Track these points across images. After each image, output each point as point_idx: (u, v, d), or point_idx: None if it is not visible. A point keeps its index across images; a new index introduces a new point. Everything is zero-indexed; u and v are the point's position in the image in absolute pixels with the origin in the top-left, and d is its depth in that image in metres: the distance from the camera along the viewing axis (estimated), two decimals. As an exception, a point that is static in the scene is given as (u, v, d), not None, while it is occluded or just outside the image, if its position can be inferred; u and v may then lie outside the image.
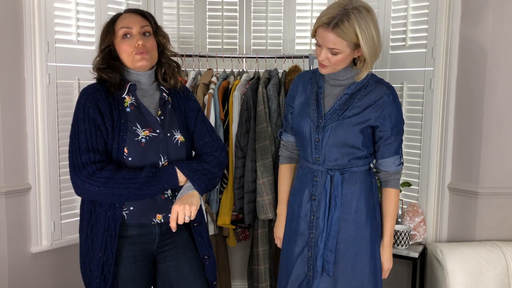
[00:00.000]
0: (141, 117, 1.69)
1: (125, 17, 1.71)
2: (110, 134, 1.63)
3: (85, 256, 1.69)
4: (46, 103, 2.40)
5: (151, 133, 1.68)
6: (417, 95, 2.62)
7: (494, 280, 2.23)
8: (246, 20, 3.06)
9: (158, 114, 1.73)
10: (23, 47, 2.34)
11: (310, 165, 1.85)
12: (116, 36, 1.69)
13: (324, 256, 1.80)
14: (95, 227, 1.66)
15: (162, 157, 1.69)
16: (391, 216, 1.85)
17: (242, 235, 2.83)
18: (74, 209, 2.58)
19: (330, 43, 1.67)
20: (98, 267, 1.64)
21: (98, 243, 1.65)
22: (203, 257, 1.81)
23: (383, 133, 1.78)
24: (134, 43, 1.67)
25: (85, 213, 1.69)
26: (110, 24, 1.72)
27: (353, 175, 1.80)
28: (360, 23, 1.64)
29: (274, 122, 2.61)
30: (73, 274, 2.63)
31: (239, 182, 2.62)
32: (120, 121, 1.65)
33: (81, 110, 1.64)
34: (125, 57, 1.69)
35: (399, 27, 2.70)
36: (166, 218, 1.72)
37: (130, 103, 1.70)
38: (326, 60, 1.71)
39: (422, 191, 2.63)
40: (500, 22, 2.32)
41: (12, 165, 2.34)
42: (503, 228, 2.42)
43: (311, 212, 1.84)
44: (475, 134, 2.41)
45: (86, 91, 1.68)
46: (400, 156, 1.84)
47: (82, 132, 1.61)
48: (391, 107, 1.77)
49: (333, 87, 1.82)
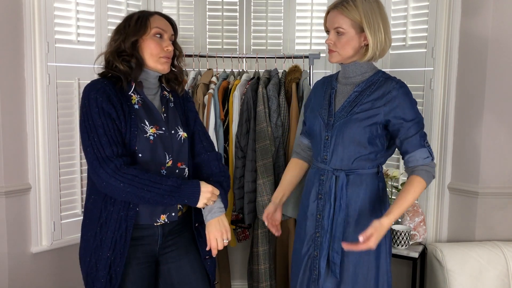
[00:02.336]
0: (148, 114, 1.70)
1: (159, 19, 1.72)
2: (123, 129, 1.63)
3: (91, 255, 1.66)
4: (46, 103, 2.40)
5: (158, 131, 1.69)
6: (417, 95, 2.61)
7: (494, 280, 2.23)
8: (246, 20, 3.06)
9: (162, 111, 1.75)
10: (23, 47, 2.34)
11: (318, 164, 1.86)
12: (148, 33, 1.68)
13: (330, 257, 1.79)
14: (104, 226, 1.64)
15: (167, 155, 1.70)
16: (405, 202, 1.68)
17: (242, 235, 2.83)
18: (74, 209, 2.58)
19: (335, 22, 1.74)
20: (105, 267, 1.63)
21: (107, 243, 1.63)
22: (204, 257, 1.81)
23: (398, 125, 1.72)
24: (165, 46, 1.69)
25: (94, 211, 1.66)
26: (141, 18, 1.70)
27: (359, 177, 1.79)
28: (365, 6, 1.71)
29: (274, 122, 2.61)
30: (73, 274, 2.63)
31: (239, 182, 2.62)
32: (130, 116, 1.64)
33: (94, 105, 1.59)
34: (149, 56, 1.69)
35: (399, 27, 2.70)
36: (170, 218, 1.72)
37: (137, 100, 1.70)
38: (333, 44, 1.76)
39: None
40: (500, 23, 2.32)
41: (12, 165, 2.34)
42: (503, 228, 2.42)
43: (317, 211, 1.84)
44: (475, 134, 2.41)
45: (95, 86, 1.64)
46: (428, 150, 1.73)
47: (99, 126, 1.58)
48: (401, 99, 1.73)
49: (344, 86, 1.84)
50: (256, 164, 2.57)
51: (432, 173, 1.73)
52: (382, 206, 1.81)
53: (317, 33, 3.03)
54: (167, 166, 1.70)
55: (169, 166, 1.70)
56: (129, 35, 1.67)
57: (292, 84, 2.65)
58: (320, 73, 2.87)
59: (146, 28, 1.68)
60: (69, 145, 2.53)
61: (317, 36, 3.03)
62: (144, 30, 1.68)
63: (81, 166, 2.58)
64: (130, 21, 1.69)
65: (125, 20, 1.72)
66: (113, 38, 1.72)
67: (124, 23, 1.71)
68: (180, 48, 1.81)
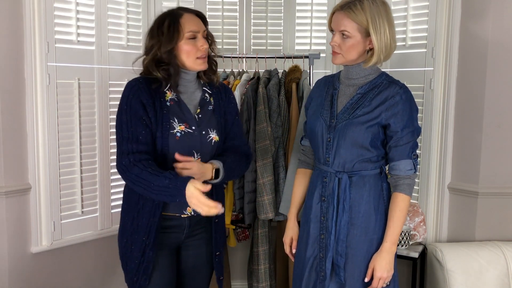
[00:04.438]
0: (179, 112, 1.77)
1: (190, 19, 1.75)
2: (153, 125, 1.72)
3: (128, 237, 1.80)
4: (46, 103, 2.40)
5: (186, 129, 1.76)
6: (417, 95, 2.61)
7: (494, 280, 2.23)
8: (246, 20, 3.06)
9: (197, 112, 1.81)
10: (23, 47, 2.34)
11: (321, 166, 1.84)
12: (182, 38, 1.72)
13: (335, 260, 1.79)
14: (141, 211, 1.77)
15: (195, 153, 1.77)
16: (395, 221, 1.74)
17: (242, 235, 2.83)
18: (74, 209, 2.58)
19: (342, 25, 1.70)
20: (140, 250, 1.77)
21: (143, 228, 1.76)
22: (215, 253, 1.93)
23: (393, 133, 1.73)
24: (199, 46, 1.74)
25: (133, 197, 1.79)
26: (173, 24, 1.73)
27: (362, 178, 1.78)
28: (372, 10, 1.68)
29: (274, 122, 2.61)
30: (73, 274, 2.63)
31: (239, 182, 2.62)
32: (162, 112, 1.73)
33: (124, 102, 1.73)
34: (186, 58, 1.75)
35: (399, 27, 2.70)
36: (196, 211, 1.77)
37: (171, 98, 1.77)
38: (337, 46, 1.74)
39: (422, 191, 2.63)
40: (500, 23, 2.32)
41: (12, 165, 2.34)
42: (503, 228, 2.42)
43: (321, 214, 1.83)
44: (475, 134, 2.41)
45: (130, 84, 1.75)
46: (413, 162, 1.75)
47: (124, 123, 1.71)
48: (403, 106, 1.72)
49: (347, 87, 1.82)
50: (256, 164, 2.57)
51: (413, 185, 1.78)
52: (386, 207, 1.80)
53: (317, 33, 3.03)
54: None
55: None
56: (164, 43, 1.72)
57: (292, 84, 2.65)
58: (320, 73, 2.87)
59: (179, 34, 1.72)
60: (69, 145, 2.53)
61: (317, 36, 3.03)
62: (178, 36, 1.72)
63: (81, 166, 2.58)
64: (163, 27, 1.73)
65: (157, 25, 1.75)
66: (148, 44, 1.77)
67: (157, 29, 1.74)
68: (212, 36, 1.85)
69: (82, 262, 2.66)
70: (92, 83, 2.61)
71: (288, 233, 2.00)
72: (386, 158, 1.82)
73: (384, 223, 1.79)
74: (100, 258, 2.73)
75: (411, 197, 1.79)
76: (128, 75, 1.84)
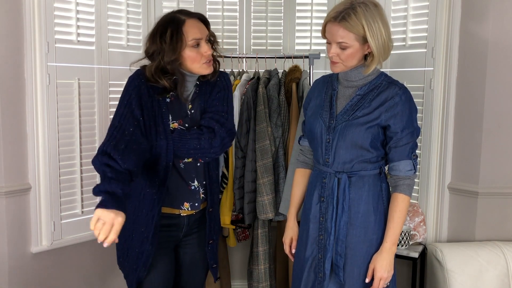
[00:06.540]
0: (176, 109, 1.79)
1: (192, 25, 1.72)
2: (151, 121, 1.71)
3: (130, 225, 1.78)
4: (46, 103, 2.40)
5: (179, 126, 1.78)
6: (417, 95, 2.62)
7: (494, 280, 2.23)
8: (246, 20, 3.06)
9: (189, 108, 1.82)
10: (23, 47, 2.34)
11: (320, 166, 1.84)
12: (185, 46, 1.71)
13: (334, 260, 1.79)
14: (142, 203, 1.78)
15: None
16: (395, 221, 1.74)
17: (242, 235, 2.83)
18: (74, 209, 2.58)
19: (338, 36, 1.68)
20: (138, 240, 1.79)
21: (143, 218, 1.78)
22: (208, 241, 1.94)
23: (393, 133, 1.74)
24: (203, 52, 1.73)
25: (137, 187, 1.78)
26: (176, 32, 1.70)
27: (361, 179, 1.78)
28: (367, 16, 1.66)
29: (274, 122, 2.61)
30: (73, 274, 2.63)
31: (239, 182, 2.62)
32: (161, 110, 1.75)
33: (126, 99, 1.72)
34: (190, 64, 1.74)
35: (399, 27, 2.70)
36: (194, 208, 1.85)
37: (171, 94, 1.79)
38: (336, 56, 1.72)
39: (422, 191, 2.63)
40: (500, 23, 2.32)
41: (12, 165, 2.34)
42: (503, 228, 2.42)
43: (320, 214, 1.83)
44: (475, 134, 2.41)
45: (133, 83, 1.75)
46: (413, 163, 1.76)
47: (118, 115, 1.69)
48: (402, 107, 1.73)
49: (346, 89, 1.81)
50: (256, 164, 2.57)
51: (413, 185, 1.78)
52: (385, 207, 1.81)
53: (317, 33, 3.03)
54: (187, 161, 1.82)
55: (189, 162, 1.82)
56: (167, 53, 1.69)
57: (292, 84, 2.65)
58: (320, 73, 2.87)
59: (182, 43, 1.70)
60: (69, 145, 2.53)
61: (317, 36, 3.03)
62: (181, 46, 1.70)
63: (81, 166, 2.58)
64: (165, 36, 1.69)
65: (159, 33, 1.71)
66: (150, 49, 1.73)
67: (160, 38, 1.70)
68: (214, 35, 1.84)
69: (82, 262, 2.66)
70: (92, 83, 2.61)
71: (288, 233, 2.00)
72: (386, 158, 1.82)
73: (383, 223, 1.79)
74: (100, 258, 2.74)
75: (411, 198, 1.79)
76: (128, 75, 1.83)
